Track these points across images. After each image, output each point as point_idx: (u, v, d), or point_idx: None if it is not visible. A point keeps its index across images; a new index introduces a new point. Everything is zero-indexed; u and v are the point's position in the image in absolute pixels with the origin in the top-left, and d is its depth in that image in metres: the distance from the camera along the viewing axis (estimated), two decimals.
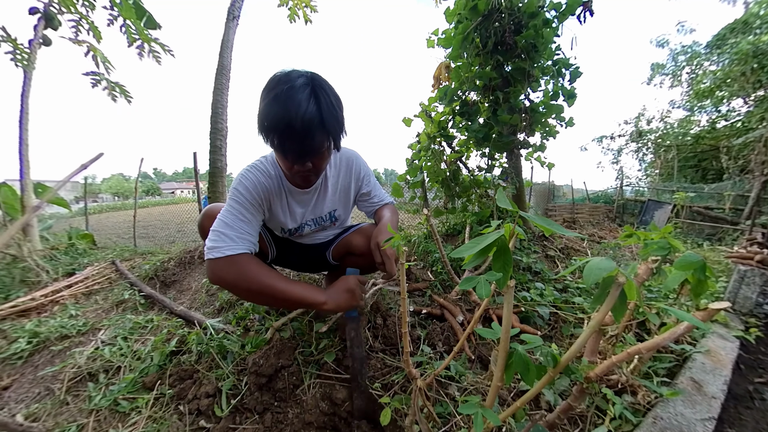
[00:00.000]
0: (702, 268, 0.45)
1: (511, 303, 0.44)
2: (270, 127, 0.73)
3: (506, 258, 0.41)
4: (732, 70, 7.65)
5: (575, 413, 0.85)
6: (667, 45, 11.40)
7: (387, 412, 0.63)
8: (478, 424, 0.44)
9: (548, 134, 2.31)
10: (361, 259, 1.08)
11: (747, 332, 1.29)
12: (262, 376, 0.82)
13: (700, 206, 3.78)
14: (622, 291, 0.41)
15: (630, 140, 12.14)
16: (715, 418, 0.84)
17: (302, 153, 0.77)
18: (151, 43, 3.59)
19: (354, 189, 1.08)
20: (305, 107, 0.71)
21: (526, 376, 0.44)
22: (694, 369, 1.03)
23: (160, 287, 2.07)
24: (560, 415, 0.74)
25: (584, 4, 2.14)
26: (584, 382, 0.63)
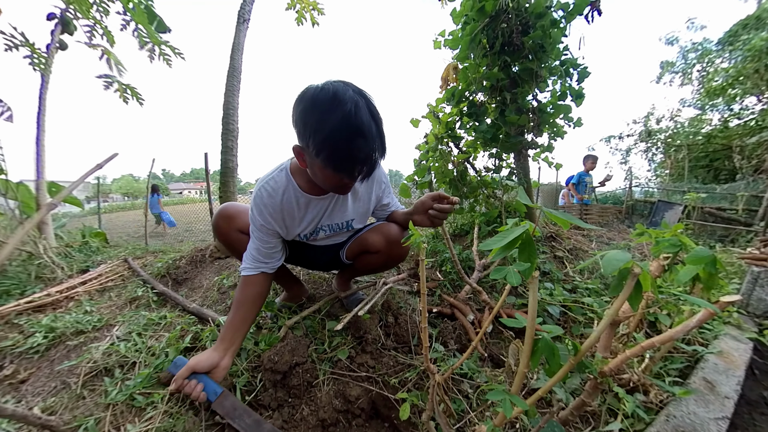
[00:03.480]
0: (712, 262, 0.47)
1: (536, 291, 0.47)
2: (334, 149, 0.73)
3: (531, 250, 0.44)
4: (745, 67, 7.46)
5: (588, 411, 0.85)
6: (677, 42, 11.18)
7: (406, 407, 0.64)
8: (507, 408, 0.47)
9: (556, 134, 2.29)
10: (377, 256, 1.09)
11: (761, 334, 1.27)
12: (277, 373, 0.84)
13: (712, 207, 3.71)
14: (637, 281, 0.44)
15: (639, 140, 11.93)
16: (728, 418, 0.84)
17: (360, 171, 0.79)
18: (162, 46, 3.67)
19: (375, 200, 1.10)
20: (372, 130, 0.73)
21: (552, 360, 0.47)
22: (707, 369, 1.02)
23: (172, 285, 2.10)
24: (573, 411, 0.75)
25: (592, 4, 2.13)
26: (598, 377, 0.63)
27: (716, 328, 1.27)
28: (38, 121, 3.07)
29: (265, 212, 0.95)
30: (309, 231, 1.05)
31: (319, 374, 0.86)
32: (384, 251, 1.06)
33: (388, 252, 1.06)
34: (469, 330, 1.07)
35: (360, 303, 1.10)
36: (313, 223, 1.04)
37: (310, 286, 1.59)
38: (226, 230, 1.09)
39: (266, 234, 0.98)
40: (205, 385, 0.82)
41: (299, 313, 1.14)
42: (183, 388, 0.80)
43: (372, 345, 0.95)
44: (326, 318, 1.13)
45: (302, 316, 1.10)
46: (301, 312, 1.14)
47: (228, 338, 0.88)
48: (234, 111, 2.79)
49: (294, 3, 4.21)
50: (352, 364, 0.88)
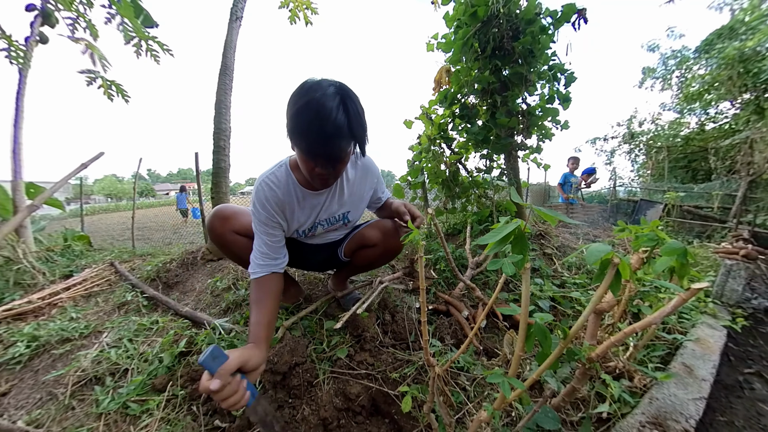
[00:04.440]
0: (684, 253, 0.52)
1: (528, 280, 0.51)
2: (301, 133, 0.78)
3: (523, 244, 0.48)
4: (719, 74, 7.89)
5: (578, 398, 0.89)
6: (658, 49, 11.67)
7: (407, 399, 0.66)
8: (506, 389, 0.50)
9: (544, 136, 2.37)
10: (374, 249, 1.13)
11: (734, 322, 1.36)
12: (277, 374, 0.84)
13: (690, 205, 3.92)
14: (617, 270, 0.49)
15: (622, 142, 12.37)
16: (705, 398, 0.91)
17: (330, 158, 0.81)
18: (149, 41, 3.58)
19: (368, 194, 1.14)
20: (335, 114, 0.75)
21: (545, 343, 0.50)
22: (686, 355, 1.09)
23: (162, 289, 2.06)
24: (565, 398, 0.78)
25: (579, 12, 2.21)
26: (586, 363, 0.67)
27: (694, 318, 1.35)
28: (15, 117, 2.95)
29: (268, 205, 0.96)
30: (307, 227, 1.07)
31: (319, 373, 0.87)
32: (380, 244, 1.10)
33: (384, 244, 1.10)
34: (464, 325, 1.10)
35: (357, 302, 1.12)
36: (311, 218, 1.05)
37: (306, 287, 1.59)
38: (221, 231, 1.09)
39: (271, 227, 0.97)
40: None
41: (296, 314, 1.14)
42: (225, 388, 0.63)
43: (370, 343, 0.97)
44: (324, 318, 1.14)
45: (300, 317, 1.10)
46: (299, 313, 1.15)
47: (264, 337, 0.80)
48: (226, 110, 2.76)
49: (287, 1, 4.18)
50: (351, 363, 0.90)
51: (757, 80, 6.72)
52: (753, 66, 6.90)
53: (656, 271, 0.62)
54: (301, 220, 1.04)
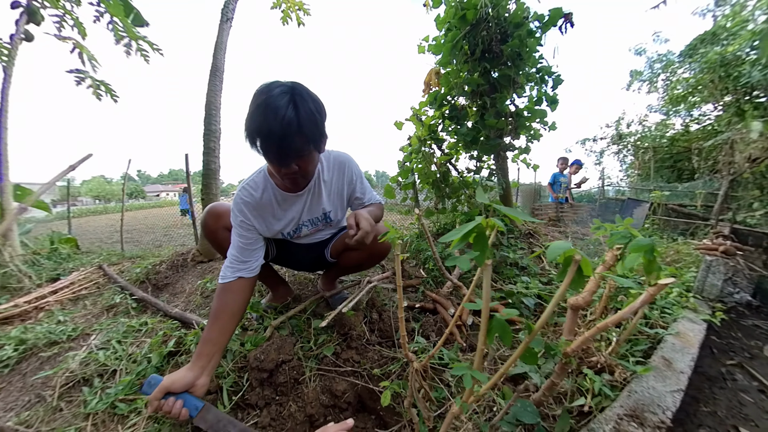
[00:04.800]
0: (651, 249, 0.53)
1: (489, 277, 0.52)
2: (253, 133, 0.81)
3: (484, 242, 0.49)
4: (702, 78, 8.18)
5: (561, 393, 0.91)
6: (645, 53, 11.99)
7: (387, 394, 0.67)
8: (467, 381, 0.51)
9: (533, 137, 2.41)
10: (359, 252, 1.14)
11: (713, 316, 1.40)
12: (264, 371, 0.85)
13: (674, 204, 4.04)
14: (579, 267, 0.49)
15: (611, 142, 12.64)
16: (682, 390, 0.92)
17: (283, 156, 0.83)
18: (139, 40, 3.54)
19: (347, 192, 1.14)
20: (283, 113, 0.77)
21: (505, 337, 0.51)
22: (665, 349, 1.11)
23: (152, 291, 2.04)
24: (545, 392, 0.81)
25: (565, 16, 2.26)
26: (562, 358, 0.70)
27: (675, 312, 1.38)
28: (0, 118, 2.89)
29: (245, 209, 0.99)
30: (291, 228, 1.09)
31: (306, 371, 0.88)
32: (365, 247, 1.07)
33: (369, 248, 1.08)
34: (449, 323, 1.12)
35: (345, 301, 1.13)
36: (294, 220, 1.07)
37: (295, 287, 1.60)
38: (214, 227, 1.12)
39: (245, 230, 1.00)
40: (184, 401, 0.77)
41: (285, 314, 1.15)
42: (161, 409, 0.76)
43: (357, 341, 0.98)
44: (312, 317, 1.15)
45: (288, 316, 1.11)
46: (287, 312, 1.15)
47: (205, 354, 0.83)
48: (216, 111, 2.74)
49: (279, 2, 4.17)
50: (337, 360, 0.91)
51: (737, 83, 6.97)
52: (734, 70, 7.18)
53: (626, 268, 0.64)
54: (284, 222, 1.06)
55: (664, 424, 0.78)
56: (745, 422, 0.99)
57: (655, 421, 0.79)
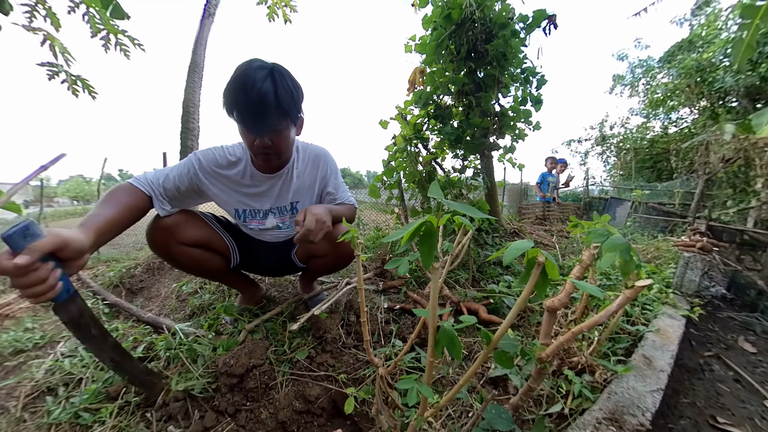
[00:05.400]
0: (627, 249, 0.50)
1: (438, 282, 0.48)
2: (231, 101, 0.81)
3: (431, 242, 0.44)
4: (680, 83, 8.59)
5: (540, 395, 0.90)
6: (627, 59, 12.45)
7: (350, 401, 0.64)
8: (412, 397, 0.47)
9: (518, 137, 2.43)
10: (325, 260, 1.10)
11: (692, 311, 1.42)
12: (233, 377, 0.81)
13: (654, 202, 4.18)
14: (543, 270, 0.45)
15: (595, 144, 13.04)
16: (662, 389, 0.91)
17: (258, 125, 0.83)
18: (118, 35, 3.41)
19: (318, 186, 1.10)
20: (261, 84, 0.79)
21: (453, 350, 0.47)
22: (646, 346, 1.11)
23: (126, 295, 1.96)
24: (522, 397, 0.79)
25: (549, 18, 2.30)
26: (537, 362, 0.68)
27: (656, 309, 1.40)
28: None
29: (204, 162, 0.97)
30: (259, 208, 1.06)
31: (278, 376, 0.84)
32: (331, 253, 1.07)
33: (335, 253, 1.07)
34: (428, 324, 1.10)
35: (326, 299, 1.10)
36: (261, 202, 1.05)
37: (275, 289, 1.56)
38: (165, 243, 1.00)
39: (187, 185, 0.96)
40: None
41: (261, 317, 1.10)
42: (30, 272, 0.54)
43: (332, 344, 0.95)
44: (288, 320, 1.11)
45: (263, 320, 1.07)
46: (263, 315, 1.11)
47: (95, 226, 0.71)
48: (195, 109, 2.66)
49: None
50: (311, 364, 0.87)
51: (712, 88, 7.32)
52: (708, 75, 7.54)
53: (601, 269, 0.63)
54: (249, 200, 1.04)
55: (643, 427, 0.77)
56: (722, 411, 1.02)
57: (634, 424, 0.77)
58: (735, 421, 0.97)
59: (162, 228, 0.98)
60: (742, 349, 1.48)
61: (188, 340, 1.07)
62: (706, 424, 0.96)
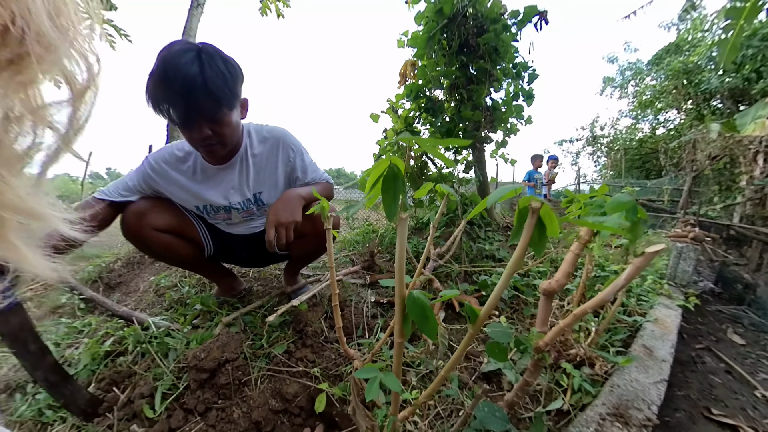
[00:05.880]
0: (633, 208, 0.45)
1: (404, 236, 0.40)
2: (155, 94, 0.73)
3: (396, 188, 0.37)
4: (667, 85, 8.84)
5: (538, 390, 0.85)
6: (617, 61, 12.75)
7: (321, 398, 0.58)
8: (372, 391, 0.39)
9: (510, 132, 2.41)
10: (307, 240, 1.01)
11: (687, 301, 1.41)
12: (203, 371, 0.73)
13: (644, 199, 4.24)
14: (539, 220, 0.37)
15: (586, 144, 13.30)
16: (666, 380, 0.88)
17: (189, 117, 0.76)
18: (103, 24, 3.28)
19: (284, 170, 1.02)
20: (186, 69, 0.71)
21: (425, 326, 0.39)
22: (645, 336, 1.08)
23: (104, 290, 1.88)
24: (518, 392, 0.73)
25: (540, 14, 2.29)
26: (534, 352, 0.62)
27: (652, 299, 1.38)
28: None
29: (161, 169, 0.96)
30: (221, 205, 1.01)
31: (253, 371, 0.78)
32: (310, 232, 0.99)
33: (314, 231, 0.99)
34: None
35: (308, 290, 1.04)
36: (223, 198, 1.00)
37: (259, 284, 1.48)
38: (137, 227, 0.96)
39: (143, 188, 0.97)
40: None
41: (240, 310, 1.03)
42: None
43: (313, 338, 0.88)
44: (269, 313, 1.04)
45: (242, 313, 1.00)
46: (242, 309, 1.04)
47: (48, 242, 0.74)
48: None
49: None
50: (290, 360, 0.80)
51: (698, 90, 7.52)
52: (694, 77, 7.76)
53: (604, 236, 0.57)
54: (206, 197, 0.99)
55: (650, 422, 0.72)
56: (715, 403, 1.02)
57: (640, 419, 0.72)
58: (728, 412, 0.97)
59: (133, 212, 0.96)
60: (731, 341, 1.49)
61: (160, 332, 1.00)
62: (701, 416, 0.96)
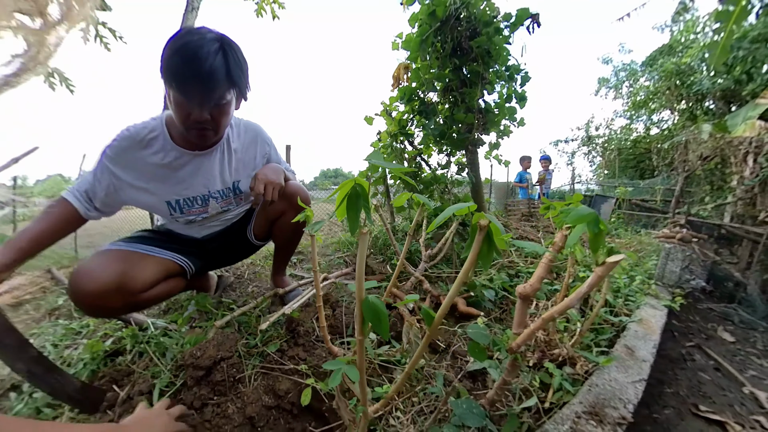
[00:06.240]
0: (595, 220, 0.48)
1: (365, 249, 0.42)
2: (175, 73, 0.75)
3: (358, 205, 0.40)
4: (661, 86, 8.94)
5: (523, 389, 0.87)
6: (611, 62, 12.87)
7: (307, 392, 0.61)
8: (335, 379, 0.43)
9: (503, 134, 2.45)
10: (285, 221, 1.06)
11: (673, 301, 1.43)
12: (200, 369, 0.77)
13: (637, 199, 4.31)
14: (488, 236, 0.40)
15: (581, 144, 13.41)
16: (645, 380, 0.89)
17: (204, 97, 0.78)
18: (98, 26, 3.29)
19: (260, 163, 1.07)
20: (214, 56, 0.75)
21: (378, 326, 0.42)
22: (628, 337, 1.09)
23: None
24: (498, 391, 0.76)
25: (532, 17, 2.33)
26: (508, 353, 0.65)
27: (639, 299, 1.39)
28: None
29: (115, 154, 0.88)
30: (194, 195, 0.98)
31: (247, 369, 0.81)
32: (289, 209, 1.04)
33: (292, 208, 1.03)
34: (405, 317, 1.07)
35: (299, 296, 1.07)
36: (201, 184, 0.97)
37: (255, 285, 1.52)
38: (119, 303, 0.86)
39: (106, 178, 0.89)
40: None
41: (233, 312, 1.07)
42: None
43: (304, 337, 0.92)
44: (263, 314, 1.08)
45: (234, 316, 1.03)
46: (235, 312, 1.07)
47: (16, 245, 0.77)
48: None
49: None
50: (282, 358, 0.84)
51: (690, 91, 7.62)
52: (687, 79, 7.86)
53: (569, 245, 0.61)
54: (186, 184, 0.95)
55: (624, 420, 0.74)
56: (704, 399, 1.03)
57: (615, 417, 0.74)
58: (716, 409, 0.98)
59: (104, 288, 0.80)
60: (721, 339, 1.52)
61: (157, 332, 1.03)
62: (689, 412, 0.97)
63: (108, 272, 0.81)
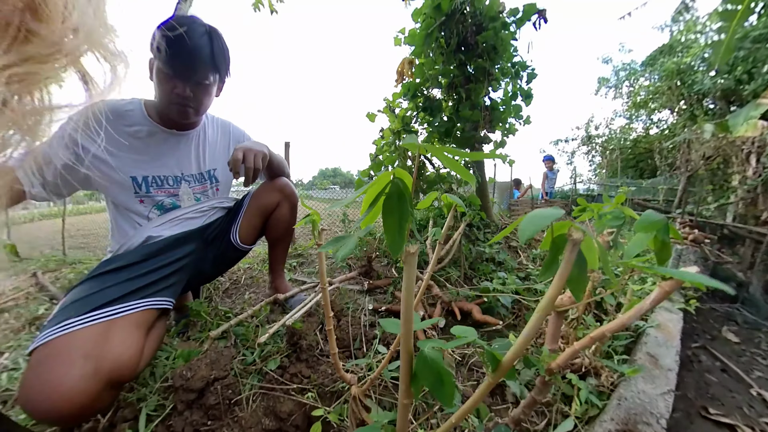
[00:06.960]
0: (665, 228, 0.40)
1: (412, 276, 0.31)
2: (165, 49, 0.78)
3: (402, 210, 0.27)
4: (661, 86, 8.97)
5: (542, 403, 0.81)
6: (611, 62, 12.93)
7: (317, 426, 0.53)
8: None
9: (508, 132, 2.39)
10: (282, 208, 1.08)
11: (688, 304, 1.39)
12: (191, 392, 0.68)
13: (639, 199, 4.28)
14: (580, 254, 0.29)
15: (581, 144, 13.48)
16: (673, 390, 0.85)
17: (189, 72, 0.83)
18: None
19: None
20: (201, 36, 0.82)
21: (440, 391, 0.31)
22: (649, 344, 1.05)
23: None
24: (525, 410, 0.69)
25: (539, 12, 2.27)
26: (546, 374, 0.58)
27: None
28: None
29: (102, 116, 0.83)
30: (168, 174, 0.95)
31: (244, 389, 0.72)
32: (284, 200, 1.07)
33: (288, 197, 1.08)
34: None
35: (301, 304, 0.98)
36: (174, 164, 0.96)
37: (252, 291, 1.43)
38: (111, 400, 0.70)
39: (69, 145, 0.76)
40: None
41: (229, 321, 0.98)
42: None
43: (307, 352, 0.83)
44: (261, 324, 0.99)
45: (231, 325, 0.94)
46: (231, 320, 0.98)
47: None
48: None
49: None
50: (283, 376, 0.75)
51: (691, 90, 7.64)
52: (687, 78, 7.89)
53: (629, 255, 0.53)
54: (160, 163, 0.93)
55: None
56: (712, 402, 1.00)
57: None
58: (725, 411, 0.95)
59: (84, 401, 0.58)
60: (726, 340, 1.50)
61: None
62: (698, 415, 0.94)
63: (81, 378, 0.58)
